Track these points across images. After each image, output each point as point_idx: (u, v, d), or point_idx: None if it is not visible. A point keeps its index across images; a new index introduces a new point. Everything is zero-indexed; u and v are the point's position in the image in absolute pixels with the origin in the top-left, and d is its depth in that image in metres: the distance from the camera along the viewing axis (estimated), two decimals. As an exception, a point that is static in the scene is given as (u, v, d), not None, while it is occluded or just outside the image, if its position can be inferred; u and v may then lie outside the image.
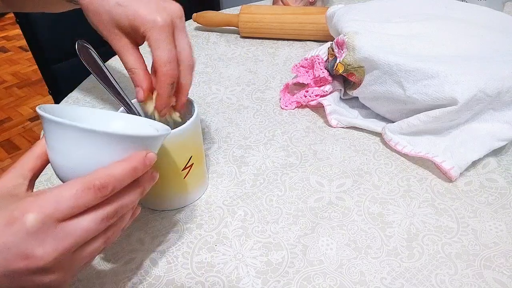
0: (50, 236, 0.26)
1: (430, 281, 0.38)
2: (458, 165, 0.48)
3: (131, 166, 0.29)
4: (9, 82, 2.29)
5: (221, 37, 0.83)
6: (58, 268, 0.27)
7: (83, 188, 0.27)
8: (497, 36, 0.53)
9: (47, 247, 0.26)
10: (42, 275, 0.27)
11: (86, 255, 0.29)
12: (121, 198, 0.29)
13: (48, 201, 0.26)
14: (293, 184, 0.49)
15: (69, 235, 0.27)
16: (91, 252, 0.29)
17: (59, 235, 0.26)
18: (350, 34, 0.53)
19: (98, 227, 0.28)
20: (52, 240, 0.26)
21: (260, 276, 0.39)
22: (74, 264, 0.28)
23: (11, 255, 0.26)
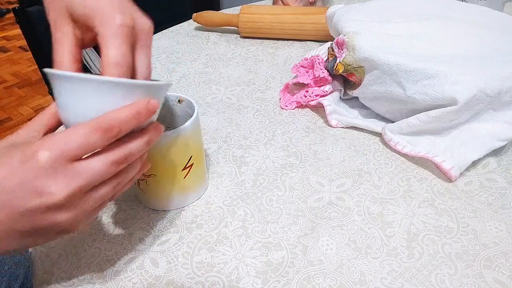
0: (62, 173, 0.27)
1: (430, 281, 0.38)
2: (458, 165, 0.48)
3: (135, 110, 0.30)
4: (10, 82, 2.29)
5: (221, 37, 0.83)
6: (70, 207, 0.28)
7: (90, 129, 0.28)
8: (497, 36, 0.53)
9: (60, 183, 0.27)
10: (56, 212, 0.28)
11: (97, 198, 0.30)
12: (129, 144, 0.30)
13: (59, 140, 0.27)
14: (293, 184, 0.49)
15: (81, 175, 0.28)
16: (101, 196, 0.30)
17: (71, 173, 0.27)
18: (350, 34, 0.53)
19: (108, 170, 0.29)
20: (64, 177, 0.27)
21: (260, 276, 0.39)
22: (86, 206, 0.29)
23: (27, 192, 0.27)
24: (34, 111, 2.05)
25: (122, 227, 0.44)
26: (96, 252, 0.41)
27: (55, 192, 0.27)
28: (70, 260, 0.41)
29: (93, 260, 0.41)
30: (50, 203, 0.27)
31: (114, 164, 0.29)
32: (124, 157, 0.30)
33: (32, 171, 0.27)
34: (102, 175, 0.29)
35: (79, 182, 0.28)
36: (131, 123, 0.29)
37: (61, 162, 0.27)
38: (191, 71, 0.72)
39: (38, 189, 0.27)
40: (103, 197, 0.30)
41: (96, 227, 0.44)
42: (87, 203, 0.29)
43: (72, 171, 0.27)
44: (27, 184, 0.27)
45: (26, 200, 0.27)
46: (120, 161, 0.30)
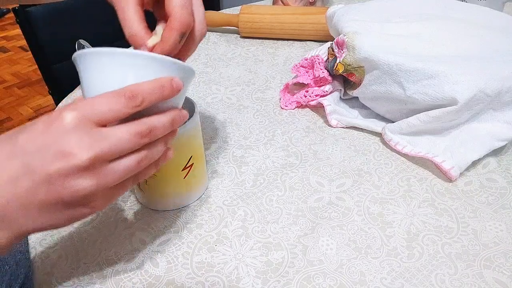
0: (86, 135, 0.27)
1: (430, 281, 0.38)
2: (458, 165, 0.48)
3: (159, 83, 0.30)
4: (9, 82, 2.29)
5: (221, 37, 0.83)
6: (93, 174, 0.27)
7: (114, 95, 0.28)
8: (497, 36, 0.53)
9: (84, 145, 0.26)
10: (78, 177, 0.27)
11: (120, 171, 0.29)
12: (153, 118, 0.30)
13: (85, 103, 0.28)
14: (293, 184, 0.49)
15: (105, 139, 0.27)
16: (124, 169, 0.29)
17: (95, 136, 0.27)
18: (350, 34, 0.53)
19: (132, 139, 0.29)
20: (88, 139, 0.27)
21: (260, 276, 0.39)
22: (108, 177, 0.28)
23: (49, 154, 0.26)
24: (34, 111, 2.05)
25: (122, 227, 0.44)
26: (96, 252, 0.41)
27: (78, 153, 0.26)
28: (70, 260, 0.41)
29: (93, 260, 0.41)
30: (73, 165, 0.26)
31: (137, 135, 0.29)
32: (148, 129, 0.29)
33: (55, 132, 0.27)
34: (126, 144, 0.28)
35: (103, 146, 0.27)
36: (154, 95, 0.30)
37: (86, 124, 0.27)
38: (191, 71, 0.72)
39: (61, 150, 0.26)
40: (126, 171, 0.29)
41: (96, 227, 0.44)
42: (110, 173, 0.28)
43: (97, 134, 0.27)
44: (50, 145, 0.26)
45: (48, 162, 0.26)
46: (144, 133, 0.29)
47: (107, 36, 0.39)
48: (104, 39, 0.41)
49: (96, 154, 0.27)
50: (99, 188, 0.28)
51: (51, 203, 0.27)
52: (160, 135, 0.31)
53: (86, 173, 0.27)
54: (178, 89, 0.31)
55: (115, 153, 0.28)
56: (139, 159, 0.30)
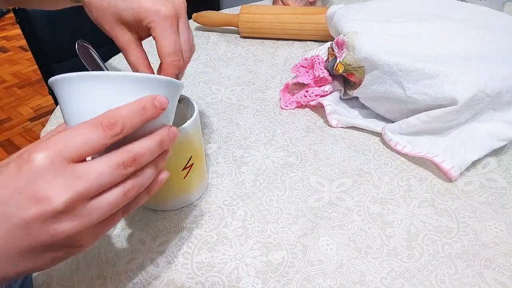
0: (60, 176, 0.25)
1: (430, 281, 0.38)
2: (458, 165, 0.48)
3: (140, 105, 0.27)
4: (9, 82, 2.29)
5: (221, 37, 0.83)
6: (73, 216, 0.25)
7: (90, 126, 0.26)
8: (497, 36, 0.53)
9: (58, 187, 0.24)
10: (57, 222, 0.25)
11: (104, 207, 0.26)
12: (137, 145, 0.28)
13: (56, 140, 0.25)
14: (293, 184, 0.49)
15: (81, 177, 0.25)
16: (109, 204, 0.27)
17: (70, 175, 0.25)
18: (350, 34, 0.53)
19: (114, 172, 0.26)
20: (62, 180, 0.25)
21: (260, 276, 0.39)
22: (91, 216, 0.26)
23: (23, 200, 0.24)
24: (34, 111, 2.05)
25: (122, 227, 0.44)
26: (96, 253, 0.41)
27: (53, 197, 0.24)
28: (69, 261, 0.41)
29: (93, 260, 0.41)
30: (49, 210, 0.24)
31: (119, 166, 0.26)
32: (131, 158, 0.27)
33: (27, 176, 0.24)
34: (107, 178, 0.26)
35: (80, 186, 0.25)
36: (136, 119, 0.27)
37: (59, 163, 0.25)
38: (191, 71, 0.72)
39: (35, 195, 0.24)
40: (111, 206, 0.27)
41: (96, 227, 0.44)
42: (93, 212, 0.26)
43: (72, 173, 0.25)
44: (22, 190, 0.24)
45: (23, 208, 0.24)
46: (127, 163, 0.27)
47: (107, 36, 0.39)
48: (104, 39, 0.41)
49: (73, 195, 0.25)
50: (82, 229, 0.26)
51: (31, 248, 0.26)
52: (147, 161, 0.28)
53: (66, 216, 0.25)
54: (162, 107, 0.29)
55: (95, 190, 0.26)
56: (125, 190, 0.27)
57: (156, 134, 0.29)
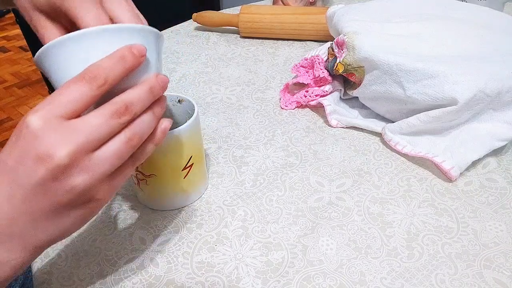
0: (57, 132, 0.25)
1: (430, 281, 0.38)
2: (458, 165, 0.48)
3: (118, 55, 0.28)
4: (9, 82, 2.29)
5: (221, 37, 0.83)
6: (80, 169, 0.26)
7: (75, 82, 0.26)
8: (497, 36, 0.53)
9: (57, 143, 0.25)
10: (67, 177, 0.26)
11: (109, 156, 0.27)
12: (126, 94, 0.28)
13: (47, 101, 0.26)
14: (293, 184, 0.49)
15: (78, 130, 0.26)
16: (113, 153, 0.27)
17: (67, 130, 0.26)
18: (350, 34, 0.53)
19: (109, 121, 0.27)
20: (61, 136, 0.25)
21: (260, 276, 0.39)
22: (99, 167, 0.27)
23: (29, 163, 0.25)
24: (34, 111, 2.05)
25: (122, 227, 0.44)
26: (96, 252, 0.41)
27: (55, 153, 0.25)
28: (70, 260, 0.41)
29: (93, 260, 0.41)
30: (55, 166, 0.25)
31: (113, 115, 0.27)
32: (123, 106, 0.27)
33: (26, 139, 0.25)
34: (104, 128, 0.27)
35: (78, 138, 0.26)
36: (117, 69, 0.27)
37: (54, 120, 0.26)
38: (191, 71, 0.72)
39: (38, 155, 0.25)
40: (116, 155, 0.27)
41: (96, 227, 0.44)
42: (99, 163, 0.27)
43: (68, 128, 0.26)
44: (25, 154, 0.25)
45: (31, 171, 0.25)
46: (120, 111, 0.27)
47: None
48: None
49: (73, 148, 0.25)
50: (94, 181, 0.27)
51: (53, 209, 0.27)
52: (140, 108, 0.29)
53: (74, 170, 0.26)
54: (142, 54, 0.29)
55: (95, 141, 0.26)
56: (126, 139, 0.28)
57: (143, 82, 0.30)
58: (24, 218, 0.27)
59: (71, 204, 0.27)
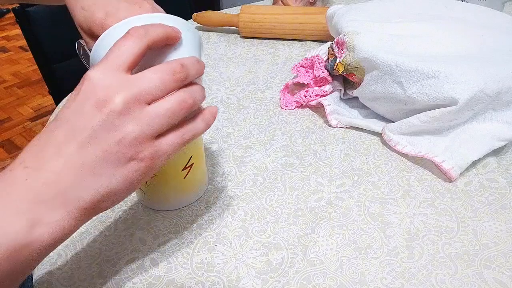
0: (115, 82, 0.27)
1: (430, 281, 0.38)
2: (458, 165, 0.48)
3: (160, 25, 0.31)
4: (9, 82, 2.29)
5: (221, 37, 0.83)
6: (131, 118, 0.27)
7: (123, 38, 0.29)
8: (497, 36, 0.53)
9: (115, 90, 0.27)
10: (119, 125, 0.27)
11: (161, 113, 0.28)
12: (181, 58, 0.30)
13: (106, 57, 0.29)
14: (293, 184, 0.49)
15: (136, 81, 0.28)
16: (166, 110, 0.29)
17: (124, 81, 0.28)
18: (350, 34, 0.53)
19: (164, 77, 0.28)
20: (118, 84, 0.27)
21: (260, 276, 0.39)
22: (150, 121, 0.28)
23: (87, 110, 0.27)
24: (34, 111, 2.05)
25: (122, 227, 0.44)
26: (96, 253, 0.41)
27: (112, 97, 0.27)
28: (70, 260, 0.41)
29: (93, 260, 0.41)
30: (111, 111, 0.27)
31: (170, 71, 0.29)
32: (179, 64, 0.29)
33: (85, 91, 0.27)
34: (158, 83, 0.28)
35: (136, 86, 0.27)
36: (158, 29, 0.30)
37: (112, 73, 0.27)
38: (191, 71, 0.72)
39: (97, 101, 0.27)
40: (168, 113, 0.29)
41: (96, 227, 0.44)
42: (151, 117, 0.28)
43: (126, 79, 0.28)
44: (84, 103, 0.27)
45: (88, 119, 0.27)
46: (177, 69, 0.29)
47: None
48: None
49: (130, 94, 0.27)
50: (142, 135, 0.28)
51: (101, 162, 0.27)
52: (194, 72, 0.31)
53: (125, 118, 0.27)
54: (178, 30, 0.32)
55: (149, 94, 0.28)
56: (180, 99, 0.29)
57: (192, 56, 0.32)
58: (71, 173, 0.27)
59: (117, 158, 0.28)
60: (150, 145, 0.29)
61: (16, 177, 0.27)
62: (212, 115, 0.34)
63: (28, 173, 0.27)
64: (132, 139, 0.28)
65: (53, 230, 0.27)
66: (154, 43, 0.30)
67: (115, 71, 0.28)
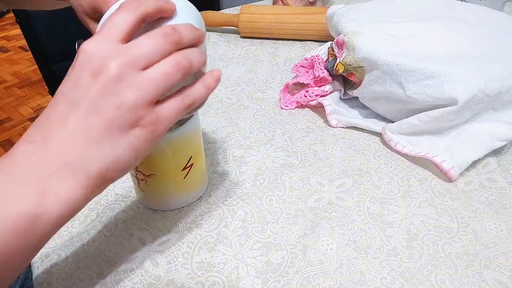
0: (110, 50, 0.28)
1: (430, 281, 0.38)
2: (458, 165, 0.48)
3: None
4: (9, 82, 2.29)
5: (221, 37, 0.83)
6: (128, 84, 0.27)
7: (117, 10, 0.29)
8: (497, 36, 0.53)
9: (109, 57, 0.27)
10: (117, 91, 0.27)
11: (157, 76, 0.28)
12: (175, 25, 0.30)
13: (102, 28, 0.29)
14: (293, 184, 0.49)
15: (129, 48, 0.28)
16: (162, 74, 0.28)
17: (118, 48, 0.28)
18: (350, 34, 0.53)
19: (157, 41, 0.28)
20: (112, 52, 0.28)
21: (260, 276, 0.39)
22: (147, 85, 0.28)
23: (84, 80, 0.27)
24: (34, 111, 2.05)
25: (122, 227, 0.44)
26: (96, 253, 0.41)
27: (107, 63, 0.27)
28: (70, 260, 0.41)
29: (93, 260, 0.41)
30: (106, 78, 0.27)
31: (162, 34, 0.29)
32: (171, 28, 0.29)
33: (81, 62, 0.28)
34: (152, 47, 0.28)
35: (128, 54, 0.28)
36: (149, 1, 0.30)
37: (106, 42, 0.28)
38: (191, 71, 0.72)
39: (93, 69, 0.27)
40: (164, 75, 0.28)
41: (95, 227, 0.44)
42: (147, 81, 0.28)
43: (120, 47, 0.28)
44: (81, 74, 0.27)
45: (86, 88, 0.27)
46: (168, 32, 0.29)
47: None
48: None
49: (124, 60, 0.27)
50: (141, 101, 0.28)
51: (104, 130, 0.27)
52: (188, 35, 0.31)
53: (122, 83, 0.27)
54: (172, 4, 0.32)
55: (145, 58, 0.28)
56: (175, 60, 0.29)
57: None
58: (77, 144, 0.27)
59: (119, 125, 0.28)
60: (150, 111, 0.29)
61: (24, 152, 0.27)
62: (213, 79, 0.33)
63: (34, 146, 0.27)
64: (131, 104, 0.28)
65: (64, 200, 0.27)
66: (147, 15, 0.30)
67: (109, 41, 0.28)
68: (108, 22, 0.29)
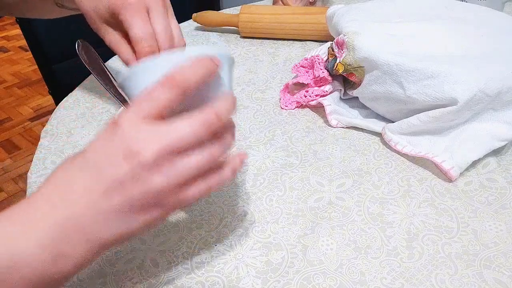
0: (148, 132, 0.27)
1: (430, 281, 0.38)
2: (458, 165, 0.48)
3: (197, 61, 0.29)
4: (9, 82, 2.29)
5: (221, 37, 0.83)
6: (161, 171, 0.27)
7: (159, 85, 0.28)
8: (497, 36, 0.53)
9: (147, 140, 0.27)
10: (147, 175, 0.27)
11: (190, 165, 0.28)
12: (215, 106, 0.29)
13: (135, 104, 0.28)
14: (293, 184, 0.49)
15: (168, 132, 0.27)
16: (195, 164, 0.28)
17: (157, 132, 0.27)
18: (350, 34, 0.53)
19: (197, 130, 0.28)
20: (151, 135, 0.27)
21: (260, 276, 0.39)
22: (177, 173, 0.28)
23: (116, 160, 0.27)
24: (34, 111, 2.05)
25: (122, 227, 0.44)
26: (96, 252, 0.41)
27: (143, 149, 0.26)
28: (70, 260, 0.41)
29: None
30: (139, 163, 0.26)
31: (204, 124, 0.28)
32: (215, 115, 0.28)
33: (116, 139, 0.27)
34: (192, 136, 0.28)
35: (166, 140, 0.27)
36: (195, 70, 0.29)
37: (144, 122, 0.27)
38: (191, 71, 0.72)
39: (127, 152, 0.27)
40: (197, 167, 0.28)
41: (96, 227, 0.44)
42: (180, 170, 0.28)
43: (159, 130, 0.27)
44: (114, 152, 0.27)
45: (116, 168, 0.27)
46: (212, 121, 0.28)
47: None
48: (103, 39, 0.41)
49: (159, 147, 0.27)
50: (168, 187, 0.28)
51: (125, 208, 0.28)
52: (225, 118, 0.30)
53: (155, 170, 0.27)
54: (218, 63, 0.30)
55: (181, 146, 0.27)
56: (209, 157, 0.29)
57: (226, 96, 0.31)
58: (95, 217, 0.27)
59: (141, 206, 0.28)
60: (174, 194, 0.29)
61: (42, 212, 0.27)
62: (240, 162, 0.33)
63: (52, 209, 0.27)
64: (157, 190, 0.27)
65: (75, 263, 0.28)
66: (190, 90, 0.29)
67: (146, 119, 0.27)
68: (148, 96, 0.28)
